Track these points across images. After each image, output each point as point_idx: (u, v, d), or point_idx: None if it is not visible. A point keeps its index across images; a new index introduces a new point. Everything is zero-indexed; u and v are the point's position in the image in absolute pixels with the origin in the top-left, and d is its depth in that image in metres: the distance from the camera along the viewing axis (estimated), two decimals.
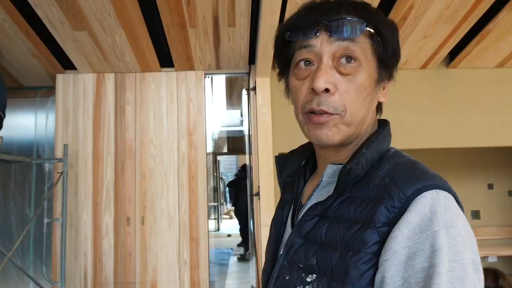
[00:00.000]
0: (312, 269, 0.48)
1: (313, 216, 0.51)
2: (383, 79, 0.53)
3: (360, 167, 0.49)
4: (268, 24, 2.05)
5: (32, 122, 2.92)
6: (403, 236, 0.42)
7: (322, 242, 0.49)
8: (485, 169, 3.45)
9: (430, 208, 0.43)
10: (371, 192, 0.48)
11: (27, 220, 2.77)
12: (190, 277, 2.57)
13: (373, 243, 0.44)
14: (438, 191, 0.44)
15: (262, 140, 2.62)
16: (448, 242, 0.41)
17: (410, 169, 0.48)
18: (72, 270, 2.54)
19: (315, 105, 0.50)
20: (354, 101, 0.50)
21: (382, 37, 0.51)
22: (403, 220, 0.43)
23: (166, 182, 2.64)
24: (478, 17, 2.30)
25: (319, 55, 0.50)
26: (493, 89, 2.79)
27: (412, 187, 0.45)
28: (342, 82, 0.50)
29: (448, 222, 0.42)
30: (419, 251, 0.41)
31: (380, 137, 0.53)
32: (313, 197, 0.54)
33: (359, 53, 0.50)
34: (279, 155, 0.63)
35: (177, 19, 2.21)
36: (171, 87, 2.73)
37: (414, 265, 0.41)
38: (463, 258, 0.41)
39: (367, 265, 0.44)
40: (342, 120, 0.50)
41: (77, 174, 2.62)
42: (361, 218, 0.46)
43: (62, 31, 2.26)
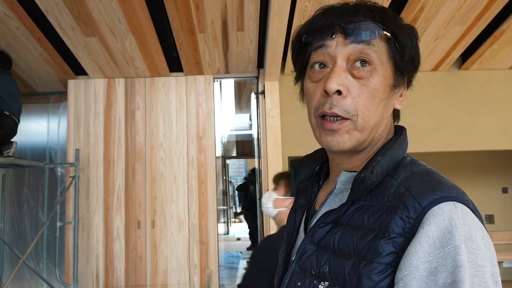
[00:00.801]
0: (325, 276, 0.48)
1: (326, 223, 0.51)
2: (399, 85, 0.52)
3: (374, 175, 0.48)
4: (277, 27, 2.05)
5: (44, 127, 2.97)
6: (423, 251, 0.41)
7: (335, 249, 0.48)
8: (499, 173, 3.37)
9: (450, 221, 0.42)
10: (386, 201, 0.47)
11: (41, 223, 2.82)
12: (200, 280, 2.57)
13: (387, 253, 0.43)
14: (455, 203, 0.43)
15: (271, 143, 2.62)
16: (468, 257, 0.40)
17: (426, 179, 0.47)
18: (84, 272, 2.57)
19: (327, 108, 0.49)
20: (366, 106, 0.49)
21: (399, 42, 0.50)
22: (422, 234, 0.42)
23: (176, 186, 2.65)
24: (491, 17, 2.26)
25: (334, 57, 0.50)
26: (507, 91, 2.73)
27: (428, 198, 0.44)
28: (355, 85, 0.49)
29: (467, 236, 0.41)
30: (441, 266, 0.41)
31: (396, 145, 0.52)
32: (326, 204, 0.54)
33: (374, 57, 0.49)
34: (294, 160, 0.62)
35: (186, 24, 2.22)
36: (180, 91, 2.74)
37: (437, 280, 0.40)
38: (484, 272, 0.40)
39: (381, 275, 0.43)
40: (354, 125, 0.49)
41: (88, 178, 2.66)
42: (375, 227, 0.46)
43: (73, 38, 2.30)
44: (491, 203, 3.29)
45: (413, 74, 0.54)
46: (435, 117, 2.68)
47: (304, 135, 2.63)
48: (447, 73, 2.76)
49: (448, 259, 0.40)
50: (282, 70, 2.69)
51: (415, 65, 0.53)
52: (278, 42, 2.18)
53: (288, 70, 2.70)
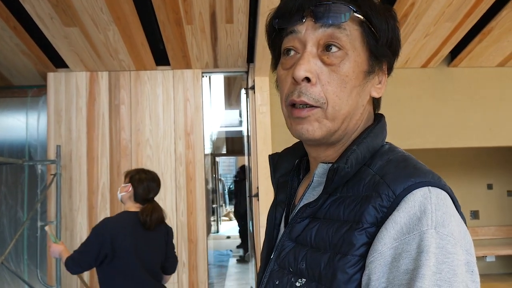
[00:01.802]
0: (302, 273, 0.46)
1: (303, 218, 0.49)
2: (374, 71, 0.49)
3: (349, 165, 0.46)
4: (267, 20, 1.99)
5: (23, 122, 2.83)
6: (389, 237, 0.40)
7: (312, 245, 0.47)
8: (485, 170, 3.45)
9: (420, 206, 0.40)
10: (362, 191, 0.45)
11: (20, 223, 2.70)
12: (188, 279, 2.53)
13: (360, 244, 0.42)
14: (430, 188, 0.41)
15: (261, 140, 2.58)
16: (437, 243, 0.38)
17: (401, 165, 0.45)
18: (68, 273, 2.48)
19: (295, 96, 0.47)
20: (336, 93, 0.46)
21: (373, 25, 0.47)
22: (391, 220, 0.41)
23: (163, 183, 2.57)
24: (480, 15, 2.27)
25: (304, 42, 0.47)
26: (494, 89, 2.77)
27: (402, 185, 0.42)
28: (325, 72, 0.46)
29: (438, 221, 0.39)
30: (404, 252, 0.39)
31: (373, 133, 0.49)
32: (304, 198, 0.51)
33: (345, 41, 0.46)
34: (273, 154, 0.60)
35: (172, 16, 2.14)
36: (167, 86, 2.65)
37: (399, 266, 0.39)
38: (453, 259, 0.38)
39: (355, 268, 0.42)
40: (324, 113, 0.47)
41: (71, 176, 2.55)
42: (350, 218, 0.44)
43: (52, 28, 2.17)
44: (476, 199, 3.37)
45: (393, 59, 0.51)
46: (423, 114, 2.70)
47: None
48: (436, 70, 2.78)
49: (413, 245, 0.39)
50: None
51: (394, 49, 0.50)
52: None
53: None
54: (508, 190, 3.46)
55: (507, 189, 3.46)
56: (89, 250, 1.55)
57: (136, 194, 1.68)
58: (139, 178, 1.69)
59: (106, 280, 1.59)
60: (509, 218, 3.44)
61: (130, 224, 1.63)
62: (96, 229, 1.60)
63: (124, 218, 1.65)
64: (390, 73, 0.52)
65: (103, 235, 1.56)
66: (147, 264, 1.62)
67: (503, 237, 3.38)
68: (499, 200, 3.44)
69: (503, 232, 3.37)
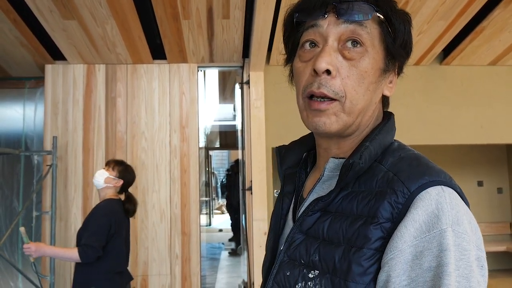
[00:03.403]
0: (315, 265, 0.47)
1: (314, 211, 0.50)
2: (389, 70, 0.51)
3: (363, 161, 0.47)
4: (263, 17, 2.02)
5: (20, 113, 2.85)
6: (409, 235, 0.41)
7: (324, 238, 0.48)
8: (475, 167, 3.49)
9: (437, 205, 0.42)
10: (374, 187, 0.46)
11: (16, 213, 2.73)
12: (181, 271, 2.56)
13: (376, 239, 0.43)
14: (443, 187, 0.43)
15: (255, 134, 2.61)
16: (454, 241, 0.40)
17: (414, 163, 0.46)
18: (62, 263, 2.51)
19: (315, 87, 0.48)
20: (355, 88, 0.48)
21: (392, 26, 0.50)
22: (409, 218, 0.42)
23: (158, 175, 2.61)
24: (473, 14, 2.30)
25: (325, 36, 0.49)
26: (485, 87, 2.81)
27: (417, 183, 0.43)
28: (345, 66, 0.48)
29: (454, 219, 0.41)
30: (426, 250, 0.41)
31: (384, 130, 0.51)
32: (314, 192, 0.53)
33: (365, 38, 0.48)
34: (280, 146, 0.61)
35: (170, 10, 2.17)
36: (163, 79, 2.68)
37: (422, 264, 0.40)
38: (469, 256, 0.40)
39: (370, 261, 0.43)
40: (342, 107, 0.48)
41: (66, 167, 2.58)
42: (364, 213, 0.45)
43: (51, 20, 2.20)
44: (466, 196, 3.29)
45: (405, 61, 0.53)
46: (415, 111, 2.74)
47: (288, 127, 2.64)
48: (428, 67, 2.81)
49: (434, 243, 0.40)
50: (267, 60, 2.67)
51: (407, 51, 0.52)
52: (264, 31, 2.16)
53: (274, 61, 2.68)
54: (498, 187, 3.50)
55: (497, 186, 3.49)
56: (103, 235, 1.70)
57: (123, 187, 1.87)
58: (127, 173, 1.87)
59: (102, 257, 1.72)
60: (499, 215, 3.48)
61: (120, 211, 1.82)
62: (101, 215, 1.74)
63: (115, 204, 1.81)
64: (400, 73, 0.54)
65: (110, 218, 1.72)
66: (127, 246, 1.85)
67: (493, 233, 3.42)
68: (490, 197, 3.48)
69: (493, 229, 3.41)
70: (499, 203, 3.49)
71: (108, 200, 1.84)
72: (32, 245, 1.72)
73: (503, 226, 3.44)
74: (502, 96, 2.80)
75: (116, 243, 1.76)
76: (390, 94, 0.54)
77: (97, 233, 1.69)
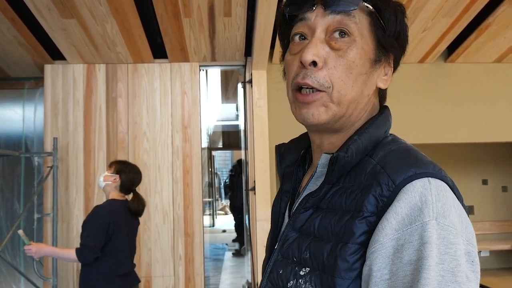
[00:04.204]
0: (306, 262, 0.46)
1: (306, 208, 0.49)
2: (380, 60, 0.50)
3: (349, 154, 0.46)
4: (266, 14, 1.99)
5: (19, 114, 2.82)
6: (391, 227, 0.40)
7: (315, 234, 0.47)
8: (480, 165, 3.47)
9: (420, 197, 0.40)
10: (363, 181, 0.45)
11: (17, 215, 2.70)
12: (185, 272, 2.54)
13: (360, 233, 0.42)
14: (430, 179, 0.42)
15: (258, 134, 2.58)
16: (438, 234, 0.39)
17: (403, 155, 0.45)
18: (64, 265, 2.49)
19: (300, 78, 0.48)
20: (342, 78, 0.47)
21: (381, 16, 0.49)
22: (391, 211, 0.41)
23: (160, 176, 2.59)
24: (478, 10, 2.27)
25: (313, 28, 0.49)
26: (490, 85, 2.78)
27: (402, 175, 0.42)
28: (332, 57, 0.47)
29: (439, 212, 0.40)
30: (407, 243, 0.39)
31: (375, 124, 0.50)
32: (308, 189, 0.52)
33: (353, 28, 0.48)
34: (279, 144, 0.61)
35: (171, 8, 2.13)
36: (164, 79, 2.65)
37: (402, 257, 0.39)
38: (456, 249, 0.39)
39: (355, 256, 0.42)
40: (330, 97, 0.47)
41: (67, 168, 2.55)
42: (351, 207, 0.44)
43: (50, 19, 2.17)
44: (471, 194, 3.39)
45: (400, 53, 0.52)
46: (419, 109, 2.71)
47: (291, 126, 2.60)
48: (433, 65, 2.78)
49: (415, 236, 0.39)
50: (270, 59, 2.64)
51: (401, 43, 0.51)
52: (267, 29, 2.13)
53: (276, 59, 2.65)
54: (503, 185, 3.48)
55: (502, 185, 3.48)
56: (101, 235, 1.70)
57: (122, 185, 1.84)
58: (126, 170, 1.85)
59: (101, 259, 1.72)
60: (504, 213, 3.47)
61: (122, 211, 1.80)
62: (99, 216, 1.74)
63: (115, 205, 1.81)
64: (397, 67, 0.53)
65: (108, 218, 1.72)
66: (131, 247, 1.84)
67: (497, 232, 3.41)
68: (494, 195, 3.46)
69: (497, 227, 3.40)
70: (504, 202, 3.47)
71: (110, 200, 1.84)
72: (33, 246, 1.74)
73: (508, 224, 3.43)
74: (507, 94, 2.78)
75: (116, 244, 1.74)
76: (385, 87, 0.52)
77: (94, 234, 1.69)
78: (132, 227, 1.90)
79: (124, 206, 1.84)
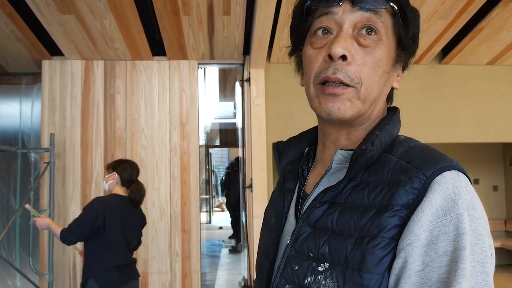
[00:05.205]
0: (324, 257, 0.46)
1: (322, 203, 0.49)
2: (399, 61, 0.51)
3: (375, 147, 0.46)
4: (264, 13, 2.01)
5: (16, 110, 2.80)
6: (426, 219, 0.41)
7: (334, 229, 0.47)
8: (472, 165, 3.54)
9: (453, 188, 0.41)
10: (386, 176, 0.46)
11: (13, 211, 2.69)
12: (181, 268, 2.56)
13: (391, 227, 0.42)
14: (458, 172, 0.43)
15: (255, 132, 2.60)
16: (470, 225, 0.40)
17: (426, 151, 0.46)
18: (61, 261, 2.49)
19: (330, 72, 0.47)
20: (370, 75, 0.48)
21: (405, 17, 0.50)
22: (426, 202, 0.41)
23: (158, 173, 2.60)
24: (472, 13, 2.32)
25: (340, 23, 0.48)
26: (483, 86, 2.84)
27: (432, 168, 0.43)
28: (360, 53, 0.47)
29: (470, 204, 0.41)
30: (442, 234, 0.40)
31: (392, 122, 0.51)
32: (321, 185, 0.51)
33: (380, 26, 0.48)
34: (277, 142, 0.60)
35: (170, 6, 2.14)
36: (163, 76, 2.66)
37: (437, 249, 0.40)
38: (484, 241, 0.40)
39: (385, 250, 0.42)
40: (357, 94, 0.47)
41: (64, 164, 2.55)
42: (376, 203, 0.44)
43: (48, 14, 2.16)
44: None
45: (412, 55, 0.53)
46: (414, 110, 2.76)
47: (289, 124, 2.64)
48: (427, 67, 2.83)
49: (450, 227, 0.40)
50: (268, 58, 2.66)
51: (416, 45, 0.52)
52: (265, 28, 2.14)
53: (275, 58, 2.67)
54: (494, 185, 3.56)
55: (493, 184, 3.56)
56: (85, 224, 1.75)
57: (122, 178, 1.91)
58: (122, 165, 1.93)
59: (96, 250, 1.78)
60: (495, 212, 3.55)
61: (119, 204, 1.85)
62: (91, 206, 1.79)
63: (113, 198, 1.87)
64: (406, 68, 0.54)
65: (98, 209, 1.76)
66: (128, 240, 1.86)
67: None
68: (485, 194, 3.54)
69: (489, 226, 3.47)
70: (495, 201, 3.55)
71: (111, 194, 1.91)
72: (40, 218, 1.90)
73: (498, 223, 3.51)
74: (499, 96, 2.83)
75: (110, 236, 1.78)
76: (398, 87, 0.54)
77: (81, 220, 1.76)
78: (133, 220, 1.92)
79: (124, 200, 1.89)
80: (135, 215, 1.95)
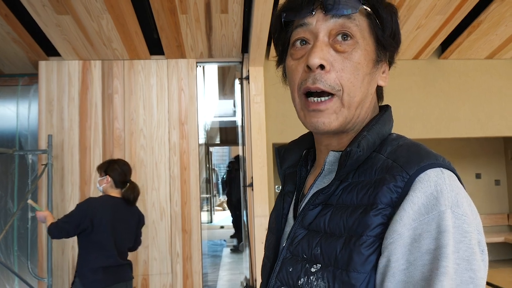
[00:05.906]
0: (316, 258, 0.46)
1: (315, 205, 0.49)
2: (381, 60, 0.52)
3: (361, 149, 0.47)
4: (262, 11, 2.00)
5: (13, 111, 2.78)
6: (408, 217, 0.40)
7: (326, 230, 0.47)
8: (473, 159, 3.53)
9: (435, 186, 0.41)
10: (373, 175, 0.46)
11: (10, 214, 2.66)
12: (182, 269, 2.53)
13: (376, 225, 0.42)
14: (442, 169, 0.43)
15: (255, 130, 2.59)
16: (453, 223, 0.39)
17: (413, 149, 0.46)
18: (60, 264, 2.46)
19: (310, 82, 0.48)
20: (351, 80, 0.48)
21: (379, 17, 0.50)
22: (408, 200, 0.41)
23: (157, 173, 2.57)
24: (470, 8, 2.32)
25: (315, 33, 0.49)
26: (482, 81, 2.84)
27: (415, 166, 0.43)
28: (338, 60, 0.48)
29: (453, 201, 0.40)
30: (425, 232, 0.40)
31: (381, 121, 0.51)
32: (315, 186, 0.52)
33: (355, 30, 0.49)
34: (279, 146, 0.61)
35: (167, 4, 2.13)
36: (161, 75, 2.64)
37: (420, 247, 0.40)
38: (470, 238, 0.40)
39: (370, 249, 0.42)
40: (341, 102, 0.48)
41: (63, 166, 2.52)
42: (364, 202, 0.45)
43: (44, 15, 2.14)
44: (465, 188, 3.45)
45: (395, 51, 0.54)
46: (413, 105, 2.75)
47: (289, 122, 2.63)
48: (426, 62, 2.83)
49: (433, 225, 0.40)
50: (267, 55, 2.65)
51: (396, 41, 0.53)
52: (263, 26, 2.13)
53: (273, 56, 2.66)
54: (496, 179, 3.56)
55: (495, 178, 3.55)
56: (71, 221, 1.76)
57: (115, 181, 1.90)
58: (113, 167, 1.91)
59: (84, 250, 1.79)
60: (497, 206, 3.54)
61: (110, 205, 1.84)
62: (80, 205, 1.80)
63: (105, 199, 1.85)
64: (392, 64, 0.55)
65: (85, 210, 1.77)
66: (118, 242, 1.84)
67: (491, 225, 3.48)
68: (487, 189, 3.53)
69: (491, 220, 3.47)
70: (497, 195, 3.54)
71: (104, 195, 1.90)
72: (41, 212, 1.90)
73: (501, 217, 3.50)
74: (498, 90, 2.83)
75: (98, 237, 1.77)
76: (385, 84, 0.54)
77: (68, 217, 1.77)
78: (128, 221, 1.90)
79: (117, 201, 1.88)
80: (130, 215, 1.92)
